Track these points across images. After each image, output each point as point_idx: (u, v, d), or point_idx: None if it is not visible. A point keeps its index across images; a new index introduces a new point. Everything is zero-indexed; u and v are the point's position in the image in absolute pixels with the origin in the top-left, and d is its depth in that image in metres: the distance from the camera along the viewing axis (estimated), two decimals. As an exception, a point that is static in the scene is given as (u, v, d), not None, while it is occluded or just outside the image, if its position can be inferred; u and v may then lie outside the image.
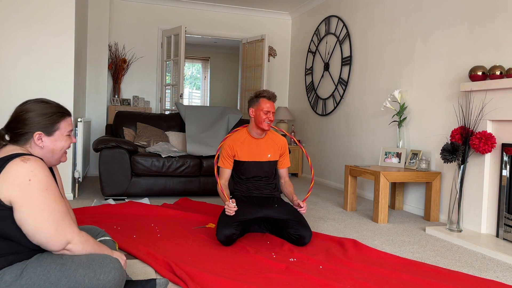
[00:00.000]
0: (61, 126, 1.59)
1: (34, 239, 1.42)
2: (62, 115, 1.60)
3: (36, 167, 1.43)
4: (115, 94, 6.31)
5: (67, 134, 1.61)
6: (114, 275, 1.49)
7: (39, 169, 1.43)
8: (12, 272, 1.40)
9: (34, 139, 1.54)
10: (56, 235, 1.42)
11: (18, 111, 1.56)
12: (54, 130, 1.57)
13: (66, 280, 1.42)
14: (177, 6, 6.67)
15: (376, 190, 3.64)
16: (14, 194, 1.38)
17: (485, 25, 3.42)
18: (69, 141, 1.62)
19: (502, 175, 3.13)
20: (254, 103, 2.90)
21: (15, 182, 1.39)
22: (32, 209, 1.39)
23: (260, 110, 2.85)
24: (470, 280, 2.28)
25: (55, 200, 1.44)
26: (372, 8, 4.96)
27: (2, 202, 1.39)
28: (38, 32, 3.92)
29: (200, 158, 4.48)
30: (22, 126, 1.53)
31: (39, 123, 1.54)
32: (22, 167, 1.41)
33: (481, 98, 3.29)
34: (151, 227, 3.10)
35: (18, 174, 1.40)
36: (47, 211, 1.41)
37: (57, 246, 1.44)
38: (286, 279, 2.14)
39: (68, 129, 1.61)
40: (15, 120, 1.55)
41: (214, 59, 11.09)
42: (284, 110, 6.84)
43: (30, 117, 1.54)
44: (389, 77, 4.61)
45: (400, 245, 2.98)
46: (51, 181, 1.46)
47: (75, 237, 1.47)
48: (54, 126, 1.57)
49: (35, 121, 1.54)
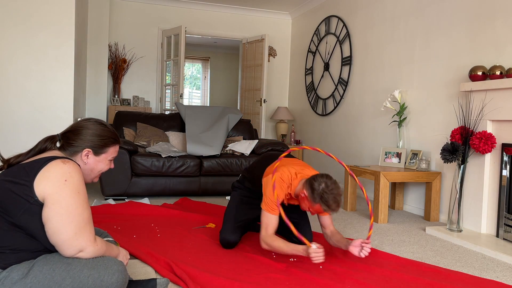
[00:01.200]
0: (109, 150, 1.71)
1: (52, 238, 1.46)
2: (113, 141, 1.72)
3: (74, 170, 1.52)
4: (115, 94, 6.31)
5: (110, 159, 1.74)
6: (118, 277, 1.51)
7: (76, 173, 1.52)
8: (19, 270, 1.43)
9: (82, 154, 1.65)
10: (72, 239, 1.46)
11: (78, 125, 1.68)
12: (102, 152, 1.69)
13: (71, 280, 1.45)
14: (177, 6, 6.67)
15: (376, 190, 3.64)
16: (49, 191, 1.45)
17: (485, 25, 3.42)
18: (109, 166, 1.74)
19: (502, 175, 3.13)
20: (312, 195, 2.24)
21: (53, 180, 1.46)
22: (60, 209, 1.45)
23: (315, 208, 2.28)
24: (470, 280, 2.28)
25: (83, 206, 1.50)
26: (372, 8, 4.96)
27: (36, 197, 1.45)
28: (38, 32, 3.92)
29: (200, 158, 4.48)
30: (77, 139, 1.65)
31: (92, 142, 1.66)
32: (61, 168, 1.49)
33: (481, 98, 3.29)
34: (151, 227, 3.10)
35: (57, 173, 1.48)
36: (73, 214, 1.47)
37: (70, 252, 1.48)
38: (286, 279, 2.14)
39: (113, 155, 1.74)
40: (72, 131, 1.66)
41: (214, 59, 11.09)
42: (284, 110, 6.84)
43: (87, 133, 1.66)
44: (389, 77, 4.61)
45: (400, 245, 2.98)
46: (83, 187, 1.54)
47: (89, 247, 1.50)
48: (103, 149, 1.69)
49: (90, 139, 1.66)
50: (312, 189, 2.21)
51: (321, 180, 2.21)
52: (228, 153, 4.73)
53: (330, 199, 2.18)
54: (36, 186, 1.45)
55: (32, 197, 1.44)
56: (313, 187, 2.21)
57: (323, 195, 2.18)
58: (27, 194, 1.45)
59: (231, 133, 5.14)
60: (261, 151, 4.70)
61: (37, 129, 4.04)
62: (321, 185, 2.19)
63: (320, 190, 2.18)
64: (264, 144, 4.77)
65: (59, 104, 4.03)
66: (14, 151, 3.95)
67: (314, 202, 2.22)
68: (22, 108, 3.94)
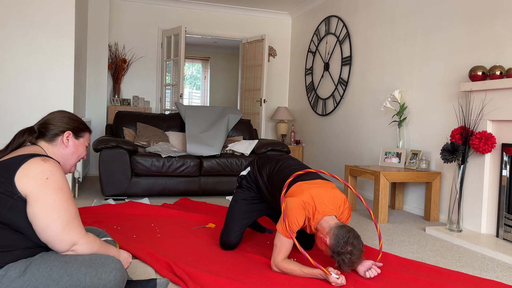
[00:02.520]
0: (85, 135, 1.77)
1: (42, 236, 1.47)
2: (88, 129, 1.80)
3: (54, 167, 1.52)
4: (115, 94, 6.31)
5: (86, 145, 1.79)
6: (115, 275, 1.51)
7: (57, 170, 1.53)
8: (17, 268, 1.44)
9: (63, 137, 1.68)
10: (63, 234, 1.47)
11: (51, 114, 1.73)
12: (80, 136, 1.75)
13: (68, 278, 1.45)
14: (177, 6, 6.67)
15: (376, 190, 3.64)
16: (30, 188, 1.45)
17: (485, 25, 3.42)
18: (84, 153, 1.78)
19: (502, 175, 3.13)
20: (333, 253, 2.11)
21: (34, 178, 1.46)
22: (45, 206, 1.45)
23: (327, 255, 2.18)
24: (470, 280, 2.28)
25: (68, 201, 1.51)
26: (372, 8, 4.96)
27: (20, 194, 1.45)
28: (38, 32, 3.92)
29: (200, 158, 4.48)
30: (56, 123, 1.69)
31: (71, 125, 1.72)
32: (41, 166, 1.50)
33: (481, 98, 3.29)
34: (151, 227, 3.10)
35: (37, 171, 1.48)
36: (59, 210, 1.47)
37: (62, 246, 1.48)
38: (286, 279, 2.14)
39: (87, 142, 1.80)
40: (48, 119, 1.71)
41: (214, 59, 11.09)
42: (284, 110, 6.84)
43: (65, 117, 1.72)
44: (389, 77, 4.61)
45: (400, 245, 2.98)
46: (66, 183, 1.54)
47: (81, 239, 1.51)
48: (81, 133, 1.75)
49: (69, 122, 1.72)
50: (336, 245, 2.09)
51: (348, 241, 2.07)
52: (228, 153, 4.74)
53: (347, 263, 2.09)
54: (17, 182, 1.45)
55: (15, 194, 1.45)
56: (338, 244, 2.08)
57: (343, 259, 2.08)
58: (9, 190, 1.45)
59: (231, 133, 5.14)
60: (261, 151, 4.70)
61: (37, 129, 4.03)
62: (347, 247, 2.06)
63: (343, 251, 2.07)
64: (264, 144, 4.77)
65: (59, 104, 4.03)
66: (14, 151, 3.95)
67: (331, 255, 2.12)
68: (22, 108, 3.94)
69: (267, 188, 2.55)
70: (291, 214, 2.19)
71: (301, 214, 2.19)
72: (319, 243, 2.21)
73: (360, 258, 2.11)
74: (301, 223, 2.21)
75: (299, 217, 2.19)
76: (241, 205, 2.64)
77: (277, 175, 2.50)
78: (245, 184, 2.70)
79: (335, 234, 2.10)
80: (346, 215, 2.30)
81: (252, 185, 2.68)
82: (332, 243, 2.10)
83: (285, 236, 2.20)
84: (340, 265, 2.11)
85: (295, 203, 2.20)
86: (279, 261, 2.22)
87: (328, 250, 2.13)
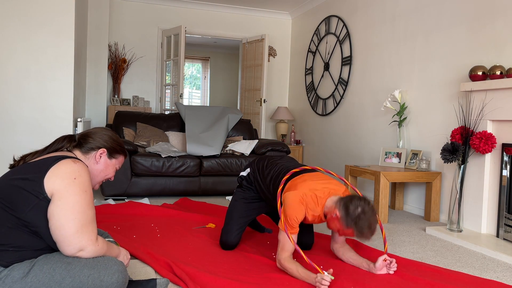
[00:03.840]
0: (119, 158, 1.82)
1: (54, 234, 1.48)
2: (124, 152, 1.84)
3: (83, 169, 1.57)
4: (115, 94, 6.31)
5: (117, 168, 1.83)
6: (118, 278, 1.52)
7: (85, 172, 1.57)
8: (21, 269, 1.45)
9: (97, 153, 1.73)
10: (73, 236, 1.47)
11: (96, 128, 1.81)
12: (114, 156, 1.80)
13: (70, 280, 1.46)
14: (177, 6, 6.67)
15: (376, 190, 3.64)
16: (57, 187, 1.49)
17: (485, 25, 3.42)
18: (113, 174, 1.83)
19: (502, 175, 3.13)
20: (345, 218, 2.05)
21: (63, 177, 1.50)
22: (66, 205, 1.48)
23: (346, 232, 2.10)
24: (470, 280, 2.28)
25: (88, 204, 1.54)
26: (372, 8, 4.96)
27: (46, 194, 1.48)
28: (38, 32, 3.91)
29: (200, 158, 4.47)
30: (95, 137, 1.75)
31: (109, 144, 1.77)
32: (71, 166, 1.54)
33: (481, 98, 3.29)
34: (151, 227, 3.10)
35: (67, 170, 1.52)
36: (77, 212, 1.49)
37: (69, 250, 1.48)
38: (286, 279, 2.14)
39: (119, 165, 1.84)
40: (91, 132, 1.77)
41: (214, 59, 11.09)
42: (284, 110, 6.84)
43: (106, 135, 1.78)
44: (389, 77, 4.61)
45: (400, 245, 2.98)
46: (91, 187, 1.59)
47: (89, 246, 1.51)
48: (116, 154, 1.80)
49: (108, 140, 1.77)
50: (347, 212, 2.02)
51: (358, 203, 2.02)
52: (228, 153, 4.73)
53: (366, 227, 1.99)
54: (46, 182, 1.48)
55: (42, 193, 1.47)
56: (348, 210, 2.02)
57: (358, 221, 1.99)
58: (36, 190, 1.47)
59: (231, 133, 5.14)
60: (261, 151, 4.70)
61: (37, 129, 4.04)
62: (358, 209, 2.00)
63: (356, 215, 1.99)
64: (264, 144, 4.77)
65: (58, 104, 4.02)
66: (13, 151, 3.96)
67: (347, 226, 2.04)
68: (21, 108, 3.94)
69: (267, 188, 2.55)
70: (289, 210, 2.17)
71: (299, 209, 2.16)
72: (332, 223, 2.14)
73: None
74: (301, 218, 2.18)
75: (298, 213, 2.16)
76: (241, 204, 2.66)
77: (276, 176, 2.50)
78: (245, 184, 2.71)
79: (344, 203, 2.07)
80: None
81: (251, 186, 2.69)
82: (342, 213, 2.05)
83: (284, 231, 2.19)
84: (360, 233, 2.01)
85: (293, 199, 2.18)
86: (282, 258, 2.20)
87: (342, 223, 2.06)
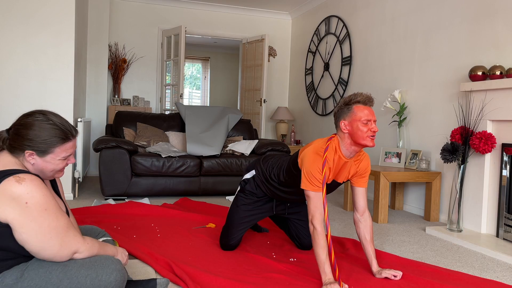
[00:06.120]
0: (56, 151, 1.51)
1: (39, 256, 1.42)
2: (61, 140, 1.51)
3: (32, 187, 1.38)
4: (115, 94, 6.31)
5: (61, 159, 1.54)
6: (116, 276, 1.50)
7: (36, 190, 1.38)
8: (13, 275, 1.41)
9: (25, 155, 1.49)
10: (61, 250, 1.43)
11: (20, 122, 1.50)
12: (47, 153, 1.50)
13: (68, 281, 1.43)
14: (177, 6, 6.67)
15: (376, 190, 3.64)
16: (11, 216, 1.35)
17: (485, 25, 3.42)
18: (62, 164, 1.55)
19: (502, 175, 3.13)
20: (345, 114, 2.12)
21: (12, 204, 1.35)
22: (33, 231, 1.37)
23: (357, 121, 2.08)
24: (470, 280, 2.28)
25: (56, 217, 1.42)
26: (372, 8, 4.96)
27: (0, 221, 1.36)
28: (38, 32, 3.92)
29: (200, 158, 4.48)
30: (17, 140, 1.48)
31: (34, 144, 1.48)
32: (17, 189, 1.36)
33: (481, 98, 3.29)
34: (151, 227, 3.10)
35: (14, 196, 1.35)
36: (49, 231, 1.40)
37: (64, 258, 1.45)
38: (286, 279, 2.14)
39: (63, 155, 1.53)
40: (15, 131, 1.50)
41: (214, 59, 11.09)
42: (284, 110, 6.84)
43: (27, 134, 1.47)
44: (389, 77, 4.61)
45: (400, 245, 2.98)
46: (49, 198, 1.42)
47: (81, 247, 1.48)
48: (48, 150, 1.50)
49: (30, 140, 1.48)
50: (338, 111, 2.17)
51: (343, 98, 2.18)
52: (228, 153, 4.74)
53: (355, 95, 2.12)
54: None
55: None
56: (337, 110, 2.17)
57: (347, 101, 2.13)
58: None
59: (231, 133, 5.14)
60: (261, 151, 4.70)
61: (37, 129, 4.03)
62: (345, 96, 2.22)
63: (341, 102, 2.16)
64: (264, 144, 4.77)
65: (59, 104, 4.03)
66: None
67: (352, 114, 2.10)
68: (21, 108, 3.94)
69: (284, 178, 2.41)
70: (307, 165, 2.12)
71: (318, 159, 2.11)
72: (352, 130, 2.11)
73: (368, 94, 2.15)
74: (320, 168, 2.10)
75: (317, 164, 2.10)
76: (242, 211, 2.59)
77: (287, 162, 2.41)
78: (248, 189, 2.62)
79: (337, 110, 2.18)
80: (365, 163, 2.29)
81: (257, 189, 2.60)
82: (342, 111, 2.15)
83: (313, 190, 2.10)
84: (363, 98, 2.11)
85: (308, 154, 2.14)
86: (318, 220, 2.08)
87: (349, 117, 2.11)
